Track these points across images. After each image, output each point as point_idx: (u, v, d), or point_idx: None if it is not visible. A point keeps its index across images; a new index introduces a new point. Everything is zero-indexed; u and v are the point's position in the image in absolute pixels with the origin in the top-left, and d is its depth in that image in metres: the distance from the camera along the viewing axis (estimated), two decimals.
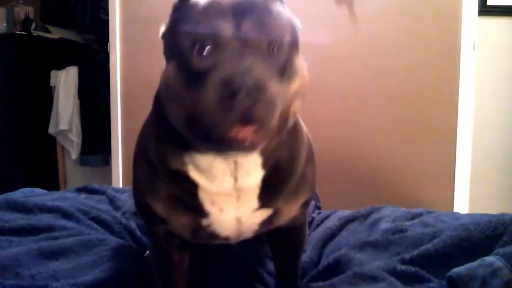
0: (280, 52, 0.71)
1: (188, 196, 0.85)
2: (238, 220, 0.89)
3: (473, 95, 2.19)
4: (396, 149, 2.26)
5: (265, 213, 0.90)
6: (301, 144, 0.90)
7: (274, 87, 0.66)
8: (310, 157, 0.95)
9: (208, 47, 0.69)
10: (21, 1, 3.53)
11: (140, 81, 2.54)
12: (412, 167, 2.25)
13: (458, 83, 2.18)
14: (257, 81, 0.63)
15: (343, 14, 2.27)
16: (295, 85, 0.72)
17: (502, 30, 2.56)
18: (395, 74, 2.24)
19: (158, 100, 0.84)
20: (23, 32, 3.40)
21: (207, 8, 0.72)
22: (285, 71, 0.71)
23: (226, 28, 0.69)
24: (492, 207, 2.49)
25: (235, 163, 0.80)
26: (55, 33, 3.54)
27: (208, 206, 0.85)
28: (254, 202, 0.86)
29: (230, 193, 0.84)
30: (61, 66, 3.29)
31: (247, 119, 0.63)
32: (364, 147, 2.28)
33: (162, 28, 0.82)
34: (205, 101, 0.64)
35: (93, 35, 3.54)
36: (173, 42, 0.75)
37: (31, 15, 3.57)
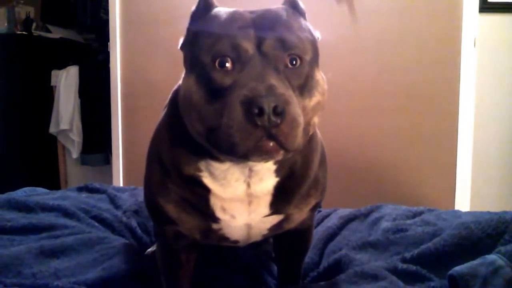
0: (302, 67, 0.72)
1: (199, 201, 0.85)
2: (248, 226, 0.89)
3: (474, 92, 2.19)
4: (396, 146, 2.26)
5: (275, 219, 0.90)
6: (315, 150, 0.90)
7: (297, 105, 0.67)
8: (323, 161, 0.95)
9: (229, 63, 0.69)
10: (22, 1, 3.53)
11: (141, 80, 2.54)
12: (413, 165, 2.25)
13: (459, 80, 2.18)
14: (281, 100, 0.64)
15: (344, 12, 2.26)
16: (315, 99, 0.73)
17: (503, 27, 2.56)
18: (396, 71, 2.24)
19: (173, 105, 0.84)
20: (24, 32, 3.40)
21: (229, 22, 0.73)
22: (306, 85, 0.72)
23: (248, 45, 0.69)
24: (493, 204, 2.49)
25: (250, 170, 0.80)
26: (56, 33, 3.54)
27: (219, 213, 0.85)
28: (265, 208, 0.86)
29: (242, 199, 0.84)
30: (61, 66, 3.29)
31: (271, 137, 0.64)
32: (365, 144, 2.28)
33: (181, 40, 0.82)
34: (229, 117, 0.64)
35: (93, 35, 3.54)
36: (193, 55, 0.75)
37: (32, 15, 3.57)
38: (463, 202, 2.21)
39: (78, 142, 3.22)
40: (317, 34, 0.81)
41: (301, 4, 0.83)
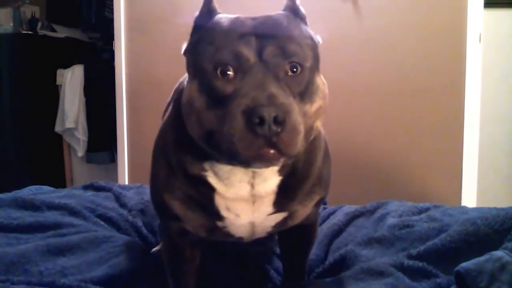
0: (302, 74, 0.73)
1: (204, 200, 0.86)
2: (252, 224, 0.90)
3: (479, 87, 2.17)
4: (403, 143, 2.25)
5: (279, 216, 0.91)
6: (318, 147, 0.90)
7: (297, 113, 0.68)
8: (326, 157, 0.95)
9: (231, 71, 0.70)
10: (27, 1, 3.54)
11: (145, 79, 2.55)
12: (419, 161, 2.24)
13: (465, 76, 2.16)
14: (281, 109, 0.65)
15: (348, 9, 2.26)
16: (316, 104, 0.74)
17: (508, 22, 2.54)
18: (401, 68, 2.23)
19: (178, 105, 0.84)
20: (29, 32, 3.41)
21: (230, 29, 0.74)
22: (307, 91, 0.73)
23: (249, 53, 0.70)
24: (500, 200, 2.48)
25: (253, 171, 0.81)
26: (61, 32, 3.56)
27: (223, 212, 0.86)
28: (269, 207, 0.87)
29: (246, 199, 0.84)
30: (67, 65, 3.30)
31: (272, 145, 0.65)
32: (370, 141, 2.28)
33: (184, 45, 0.82)
34: (230, 126, 0.66)
35: (98, 34, 3.55)
36: (196, 62, 0.76)
37: (37, 15, 3.58)
38: (470, 198, 2.19)
39: (83, 140, 3.24)
40: (317, 39, 0.81)
41: (302, 9, 0.83)
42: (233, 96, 0.68)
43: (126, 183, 2.60)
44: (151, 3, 2.51)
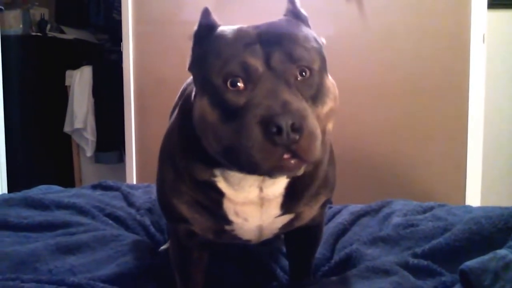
0: (312, 78, 0.72)
1: (212, 205, 0.86)
2: (260, 227, 0.90)
3: (483, 88, 2.17)
4: (407, 142, 2.25)
5: (286, 218, 0.92)
6: (325, 150, 0.90)
7: (313, 117, 0.67)
8: (331, 159, 0.95)
9: (241, 82, 0.69)
10: (37, 3, 3.57)
11: (153, 80, 2.56)
12: (423, 160, 2.24)
13: (468, 77, 2.16)
14: (297, 116, 0.64)
15: (352, 9, 2.26)
16: (327, 106, 0.73)
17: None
18: (405, 68, 2.23)
19: (184, 113, 0.85)
20: (38, 33, 3.45)
21: (234, 41, 0.73)
22: (318, 94, 0.72)
23: (256, 62, 0.70)
24: (504, 199, 2.47)
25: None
26: (70, 34, 3.59)
27: (232, 216, 0.87)
28: (276, 209, 0.87)
29: (255, 202, 0.85)
30: (75, 66, 3.33)
31: (292, 153, 0.65)
32: (375, 141, 2.28)
33: (188, 61, 0.82)
34: (248, 138, 0.65)
35: (106, 35, 3.58)
36: (203, 76, 0.75)
37: (46, 17, 3.61)
38: (474, 197, 2.19)
39: (92, 140, 3.26)
40: (321, 40, 0.81)
41: (303, 12, 0.83)
42: (246, 107, 0.67)
43: (134, 182, 2.61)
44: (159, 5, 2.53)
